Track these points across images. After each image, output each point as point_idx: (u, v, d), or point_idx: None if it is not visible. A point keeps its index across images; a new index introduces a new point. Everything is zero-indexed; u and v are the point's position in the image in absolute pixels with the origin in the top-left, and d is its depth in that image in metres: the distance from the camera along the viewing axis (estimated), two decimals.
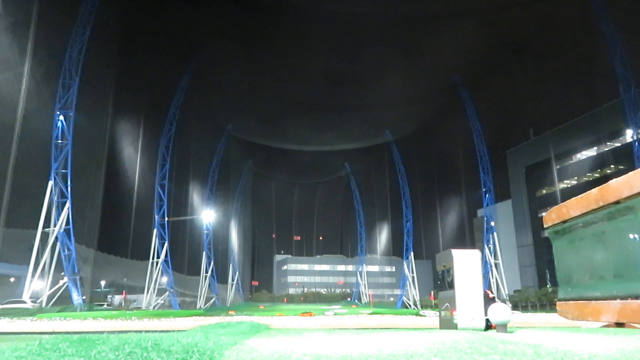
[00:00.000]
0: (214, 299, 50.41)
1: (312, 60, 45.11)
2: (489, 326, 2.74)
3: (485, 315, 2.76)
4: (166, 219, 42.32)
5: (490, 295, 2.85)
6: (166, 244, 41.87)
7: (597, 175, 44.53)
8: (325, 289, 79.44)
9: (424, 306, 44.17)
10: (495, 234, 44.58)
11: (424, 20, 39.46)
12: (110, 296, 44.40)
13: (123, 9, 34.92)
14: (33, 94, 26.91)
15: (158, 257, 41.24)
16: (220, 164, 54.36)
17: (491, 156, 45.08)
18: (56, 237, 28.52)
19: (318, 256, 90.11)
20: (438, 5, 38.24)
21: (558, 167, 48.89)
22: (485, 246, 43.65)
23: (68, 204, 29.09)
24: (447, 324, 2.98)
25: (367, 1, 38.74)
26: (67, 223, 29.19)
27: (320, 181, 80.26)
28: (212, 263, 50.14)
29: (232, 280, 58.72)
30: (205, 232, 50.25)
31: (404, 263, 53.54)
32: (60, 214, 28.84)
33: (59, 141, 29.11)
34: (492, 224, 44.90)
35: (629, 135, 37.82)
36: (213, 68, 44.53)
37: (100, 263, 41.35)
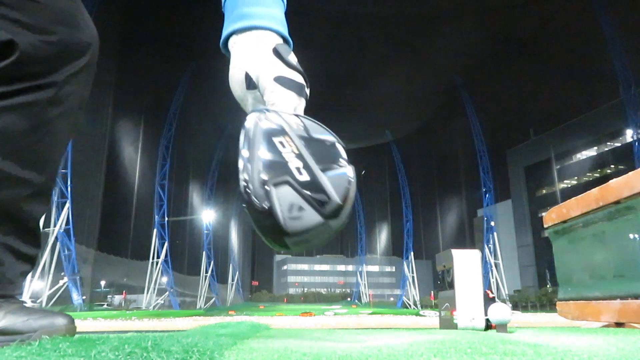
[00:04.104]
0: (214, 299, 50.42)
1: (312, 60, 45.11)
2: (489, 326, 2.74)
3: (485, 315, 2.76)
4: (166, 219, 42.33)
5: (491, 295, 2.84)
6: (166, 244, 41.88)
7: (597, 175, 44.56)
8: (325, 289, 79.46)
9: (424, 306, 44.19)
10: (495, 234, 44.60)
11: (424, 20, 39.46)
12: (110, 296, 44.44)
13: (123, 9, 34.93)
14: None
15: (158, 257, 41.25)
16: (220, 164, 54.41)
17: (491, 156, 45.10)
18: (56, 237, 28.54)
19: (318, 256, 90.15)
20: (438, 5, 38.23)
21: (558, 167, 48.94)
22: (485, 246, 43.66)
23: (68, 204, 29.11)
24: (447, 324, 2.97)
25: (367, 1, 38.74)
26: (67, 223, 29.22)
27: None
28: (212, 263, 50.16)
29: (232, 280, 58.75)
30: (205, 232, 50.27)
31: (404, 263, 53.55)
32: (60, 214, 28.86)
33: None
34: (492, 224, 44.92)
35: (629, 135, 37.83)
36: (213, 68, 44.55)
37: (100, 263, 41.39)
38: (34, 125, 1.04)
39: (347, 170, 0.71)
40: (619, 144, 42.92)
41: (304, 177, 0.69)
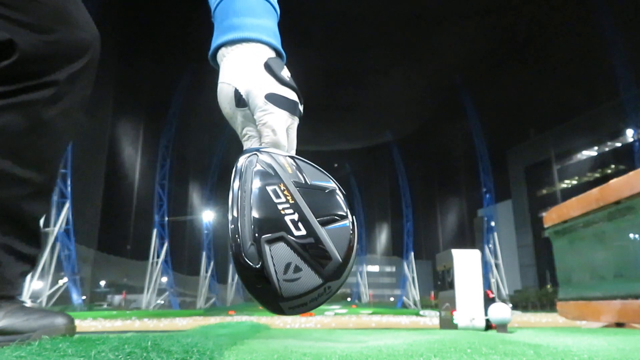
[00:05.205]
0: (214, 299, 50.40)
1: (312, 60, 45.16)
2: (489, 326, 2.74)
3: (485, 315, 2.76)
4: (166, 218, 42.33)
5: (491, 296, 2.84)
6: (166, 244, 41.88)
7: (598, 175, 44.54)
8: None
9: (424, 306, 44.17)
10: (495, 234, 44.59)
11: (424, 20, 39.46)
12: (110, 296, 44.46)
13: (124, 9, 34.93)
14: None
15: (158, 257, 41.25)
16: (221, 164, 54.41)
17: (491, 156, 45.07)
18: (56, 237, 28.53)
19: None
20: (438, 5, 38.24)
21: (558, 167, 48.94)
22: (486, 246, 43.64)
23: (68, 204, 29.10)
24: (447, 324, 2.97)
25: (367, 1, 38.76)
26: (67, 223, 29.22)
27: None
28: (212, 263, 50.14)
29: (232, 280, 58.72)
30: (205, 232, 50.26)
31: (404, 263, 53.53)
32: (60, 214, 28.85)
33: None
34: (492, 224, 44.90)
35: (629, 135, 37.82)
36: (213, 68, 44.54)
37: (100, 263, 41.41)
38: (34, 124, 1.03)
39: (348, 222, 0.62)
40: (619, 144, 42.90)
41: (301, 232, 0.60)
